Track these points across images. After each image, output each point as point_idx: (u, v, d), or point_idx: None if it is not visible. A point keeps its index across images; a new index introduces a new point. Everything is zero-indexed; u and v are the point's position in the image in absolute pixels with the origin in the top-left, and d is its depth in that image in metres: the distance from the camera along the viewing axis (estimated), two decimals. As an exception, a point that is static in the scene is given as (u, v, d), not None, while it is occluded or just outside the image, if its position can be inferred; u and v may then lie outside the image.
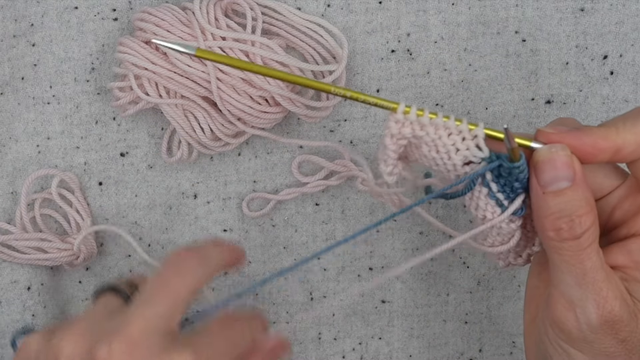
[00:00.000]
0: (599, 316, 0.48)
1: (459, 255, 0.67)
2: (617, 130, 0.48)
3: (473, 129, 0.49)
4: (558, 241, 0.48)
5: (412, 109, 0.49)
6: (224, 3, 0.62)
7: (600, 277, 0.48)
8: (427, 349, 0.68)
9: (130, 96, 0.63)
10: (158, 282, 0.49)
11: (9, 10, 0.65)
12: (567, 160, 0.48)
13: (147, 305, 0.48)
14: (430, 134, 0.49)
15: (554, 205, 0.48)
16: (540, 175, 0.48)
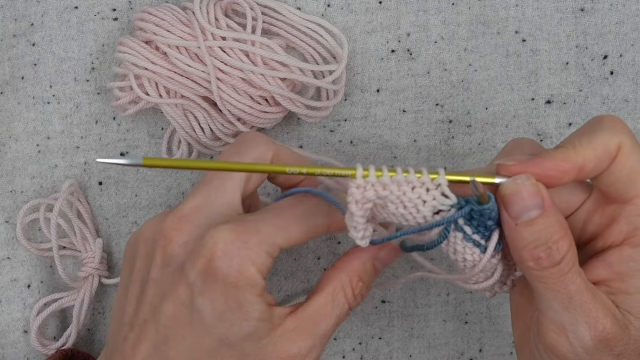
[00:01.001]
0: (592, 337, 0.48)
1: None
2: (575, 150, 0.48)
3: (435, 178, 0.48)
4: (539, 270, 0.48)
5: (371, 170, 0.48)
6: (224, 3, 0.62)
7: (586, 299, 0.48)
8: (427, 349, 0.68)
9: (130, 96, 0.63)
10: (219, 159, 0.51)
11: (9, 10, 0.65)
12: (533, 189, 0.48)
13: (203, 183, 0.51)
14: (394, 192, 0.48)
15: (529, 236, 0.48)
16: (510, 208, 0.48)
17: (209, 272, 0.48)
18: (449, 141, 0.66)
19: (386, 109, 0.66)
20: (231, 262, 0.48)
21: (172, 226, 0.50)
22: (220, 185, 0.51)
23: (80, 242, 0.65)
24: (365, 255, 0.53)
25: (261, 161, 0.52)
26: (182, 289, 0.49)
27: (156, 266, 0.50)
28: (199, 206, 0.50)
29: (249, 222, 0.49)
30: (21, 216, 0.65)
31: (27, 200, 0.66)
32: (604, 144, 0.48)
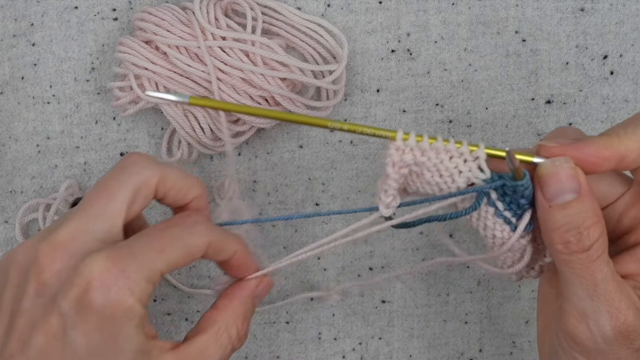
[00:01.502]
0: (613, 327, 0.47)
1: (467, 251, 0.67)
2: (619, 138, 0.48)
3: (474, 150, 0.48)
4: (567, 254, 0.47)
5: (411, 135, 0.48)
6: (224, 3, 0.62)
7: (611, 288, 0.47)
8: (427, 349, 0.68)
9: (130, 96, 0.63)
10: (96, 185, 0.48)
11: (9, 10, 0.65)
12: (571, 172, 0.48)
13: (79, 209, 0.48)
14: (432, 159, 0.48)
15: (561, 219, 0.47)
16: (546, 189, 0.48)
17: (83, 303, 0.45)
18: (449, 141, 0.66)
19: (386, 109, 0.66)
20: (108, 293, 0.45)
21: (46, 254, 0.46)
22: (100, 210, 0.48)
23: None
24: (246, 293, 0.53)
25: (146, 187, 0.49)
26: (55, 320, 0.46)
27: (28, 296, 0.47)
28: (74, 233, 0.47)
29: (124, 248, 0.47)
30: (20, 216, 0.65)
31: (27, 200, 0.66)
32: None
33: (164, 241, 0.48)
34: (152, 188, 0.49)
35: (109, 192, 0.48)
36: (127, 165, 0.49)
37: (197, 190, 0.52)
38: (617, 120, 0.66)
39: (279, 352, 0.68)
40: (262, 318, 0.68)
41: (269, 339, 0.68)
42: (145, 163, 0.49)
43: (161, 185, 0.50)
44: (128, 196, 0.48)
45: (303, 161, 0.66)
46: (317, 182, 0.67)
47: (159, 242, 0.48)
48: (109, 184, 0.48)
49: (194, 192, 0.52)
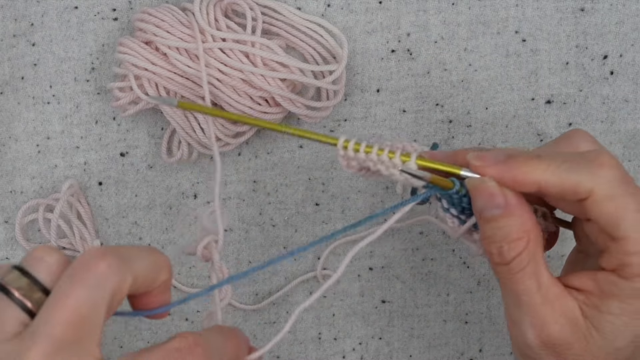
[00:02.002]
0: (535, 337, 0.48)
1: (459, 255, 0.67)
2: (545, 167, 0.48)
3: (406, 162, 0.50)
4: (492, 264, 0.49)
5: (350, 144, 0.51)
6: (224, 3, 0.62)
7: (536, 301, 0.48)
8: (427, 349, 0.68)
9: (130, 96, 0.63)
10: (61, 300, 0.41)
11: (9, 10, 0.65)
12: (495, 190, 0.48)
13: (45, 333, 0.41)
14: (372, 167, 0.50)
15: (487, 230, 0.49)
16: (474, 202, 0.49)
17: None
18: (449, 141, 0.66)
19: (386, 109, 0.66)
20: None
21: None
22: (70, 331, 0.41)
23: (80, 243, 0.65)
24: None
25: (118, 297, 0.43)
26: None
27: None
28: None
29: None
30: (20, 216, 0.65)
31: (27, 200, 0.66)
32: (571, 182, 0.48)
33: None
34: (125, 293, 0.44)
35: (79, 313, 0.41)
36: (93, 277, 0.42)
37: (165, 274, 0.46)
38: (617, 120, 0.66)
39: (279, 352, 0.68)
40: (262, 318, 0.68)
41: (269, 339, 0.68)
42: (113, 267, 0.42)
43: (135, 285, 0.44)
44: (103, 313, 0.42)
45: (303, 161, 0.66)
46: (317, 182, 0.67)
47: None
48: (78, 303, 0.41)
49: (162, 277, 0.46)
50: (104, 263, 0.42)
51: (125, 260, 0.43)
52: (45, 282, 0.42)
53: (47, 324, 0.41)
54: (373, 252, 0.67)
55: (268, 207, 0.67)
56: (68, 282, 0.42)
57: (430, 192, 0.50)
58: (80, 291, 0.41)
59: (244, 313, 0.68)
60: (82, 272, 0.42)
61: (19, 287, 0.42)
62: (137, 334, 0.68)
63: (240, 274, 0.49)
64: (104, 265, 0.42)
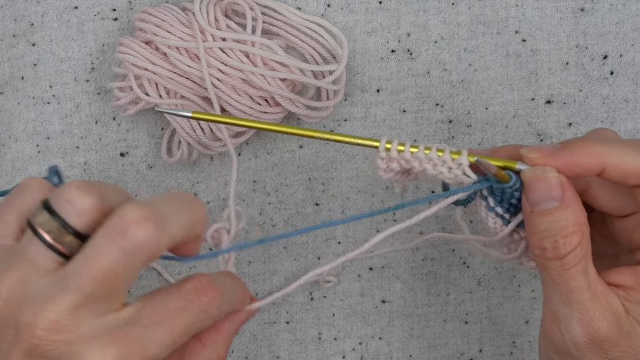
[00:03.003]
0: (584, 334, 0.48)
1: (459, 255, 0.67)
2: (607, 149, 0.48)
3: (456, 158, 0.49)
4: (543, 260, 0.48)
5: (393, 145, 0.49)
6: (224, 3, 0.62)
7: (586, 297, 0.48)
8: (427, 349, 0.68)
9: (130, 96, 0.63)
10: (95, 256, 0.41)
11: (9, 10, 0.65)
12: (554, 181, 0.48)
13: (77, 282, 0.41)
14: (416, 167, 0.49)
15: (541, 225, 0.48)
16: (529, 195, 0.49)
17: None
18: (449, 141, 0.66)
19: (386, 109, 0.66)
20: None
21: (45, 332, 0.41)
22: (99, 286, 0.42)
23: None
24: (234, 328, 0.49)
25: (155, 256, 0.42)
26: None
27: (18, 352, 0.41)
28: (75, 309, 0.41)
29: (135, 337, 0.42)
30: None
31: (27, 200, 0.66)
32: (636, 164, 0.48)
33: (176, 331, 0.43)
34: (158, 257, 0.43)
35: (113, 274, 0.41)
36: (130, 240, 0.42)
37: (200, 228, 0.46)
38: (617, 120, 0.66)
39: (279, 352, 0.68)
40: (262, 318, 0.68)
41: (269, 339, 0.68)
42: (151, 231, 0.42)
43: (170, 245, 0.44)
44: (136, 273, 0.42)
45: (303, 161, 0.66)
46: (317, 182, 0.67)
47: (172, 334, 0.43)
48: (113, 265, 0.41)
49: (197, 231, 0.46)
50: (142, 231, 0.41)
51: (164, 224, 0.42)
52: (75, 226, 0.42)
53: (78, 277, 0.41)
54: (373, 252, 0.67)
55: (268, 207, 0.67)
56: (104, 240, 0.41)
57: (483, 185, 0.49)
58: (115, 253, 0.41)
59: (244, 313, 0.68)
60: (118, 234, 0.41)
61: (49, 231, 0.42)
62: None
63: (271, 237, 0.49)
64: (141, 233, 0.41)
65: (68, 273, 0.41)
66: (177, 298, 0.44)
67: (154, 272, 0.67)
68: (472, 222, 0.65)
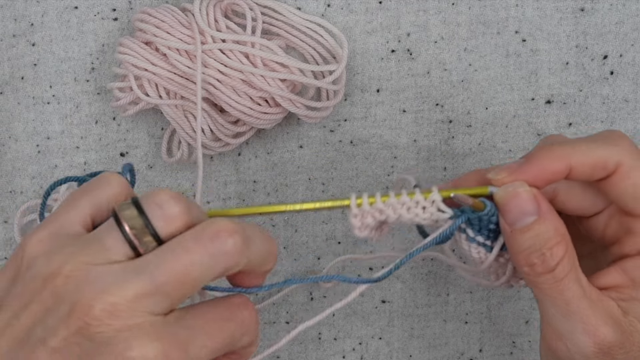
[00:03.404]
0: (592, 344, 0.48)
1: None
2: (569, 149, 0.48)
3: (429, 196, 0.49)
4: (534, 276, 0.48)
5: (364, 199, 0.49)
6: (224, 4, 0.62)
7: (584, 306, 0.48)
8: (427, 349, 0.68)
9: (130, 96, 0.63)
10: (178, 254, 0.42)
11: (9, 10, 0.65)
12: (527, 195, 0.48)
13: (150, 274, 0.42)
14: (392, 216, 0.49)
15: (524, 242, 0.48)
16: (505, 215, 0.48)
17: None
18: (449, 141, 0.66)
19: (386, 109, 0.66)
20: None
21: (101, 314, 0.41)
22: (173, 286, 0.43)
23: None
24: None
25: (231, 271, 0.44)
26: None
27: (62, 336, 0.42)
28: (137, 301, 0.42)
29: (180, 339, 0.43)
30: (19, 217, 0.65)
31: (27, 200, 0.66)
32: (600, 156, 0.48)
33: (215, 345, 0.44)
34: (234, 272, 0.45)
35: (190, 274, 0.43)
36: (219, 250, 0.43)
37: (271, 264, 0.48)
38: (617, 120, 0.66)
39: (279, 352, 0.68)
40: (262, 318, 0.68)
41: (269, 339, 0.68)
42: (238, 249, 0.43)
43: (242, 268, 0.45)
44: (206, 283, 0.44)
45: (303, 161, 0.66)
46: (317, 182, 0.67)
47: (212, 345, 0.44)
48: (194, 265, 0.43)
49: (268, 265, 0.47)
50: (232, 241, 0.43)
51: (248, 244, 0.44)
52: (159, 229, 0.43)
53: (156, 268, 0.42)
54: (373, 253, 0.67)
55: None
56: (192, 241, 0.43)
57: (461, 219, 0.49)
58: (200, 256, 0.42)
59: (244, 313, 0.68)
60: (208, 239, 0.43)
61: (132, 226, 0.43)
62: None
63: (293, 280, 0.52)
64: (231, 243, 0.43)
65: (146, 262, 0.42)
66: (221, 308, 0.45)
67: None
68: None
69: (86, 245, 0.43)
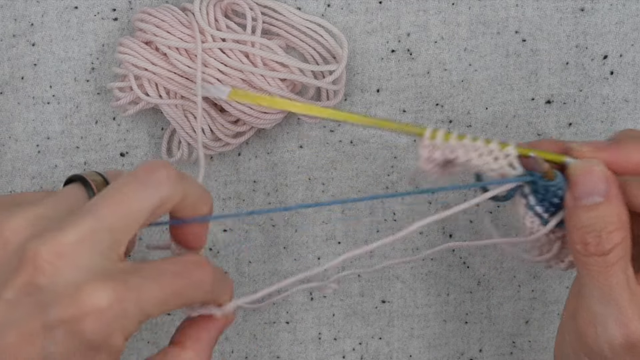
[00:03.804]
0: (620, 335, 0.47)
1: (459, 255, 0.67)
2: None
3: (505, 149, 0.48)
4: (585, 255, 0.48)
5: (439, 133, 0.48)
6: (224, 3, 0.62)
7: (625, 297, 0.47)
8: (427, 349, 0.68)
9: (130, 96, 0.63)
10: (114, 191, 0.44)
11: (9, 10, 0.65)
12: (601, 175, 0.48)
13: (92, 213, 0.43)
14: (461, 157, 0.48)
15: (585, 219, 0.48)
16: (574, 188, 0.48)
17: (74, 327, 0.42)
18: (449, 141, 0.66)
19: (386, 109, 0.66)
20: (103, 328, 0.42)
21: (48, 259, 0.42)
22: (115, 222, 0.44)
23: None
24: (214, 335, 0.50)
25: (165, 206, 0.45)
26: (37, 328, 0.42)
27: (14, 288, 0.42)
28: (82, 240, 0.43)
29: (132, 285, 0.43)
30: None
31: (27, 200, 0.66)
32: None
33: (170, 292, 0.44)
34: (170, 207, 0.46)
35: (128, 206, 0.44)
36: (152, 180, 0.45)
37: (206, 208, 0.49)
38: (617, 120, 0.66)
39: (279, 352, 0.68)
40: (262, 318, 0.68)
41: (269, 339, 0.68)
42: (172, 179, 0.45)
43: (180, 204, 0.47)
44: (146, 215, 0.45)
45: (303, 161, 0.66)
46: (317, 182, 0.67)
47: (165, 291, 0.44)
48: (130, 196, 0.44)
49: (204, 209, 0.48)
50: (165, 171, 0.45)
51: (182, 178, 0.46)
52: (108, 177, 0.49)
53: (95, 205, 0.44)
54: (373, 253, 0.67)
55: (268, 207, 0.67)
56: (128, 177, 0.45)
57: (526, 179, 0.48)
58: (136, 186, 0.44)
59: (244, 313, 0.68)
60: (143, 172, 0.45)
61: (94, 180, 0.49)
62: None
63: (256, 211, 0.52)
64: (164, 173, 0.45)
65: (88, 204, 0.44)
66: (174, 264, 0.46)
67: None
68: (471, 222, 0.65)
69: (46, 199, 0.46)
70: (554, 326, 0.68)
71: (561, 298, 0.68)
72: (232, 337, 0.68)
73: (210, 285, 0.47)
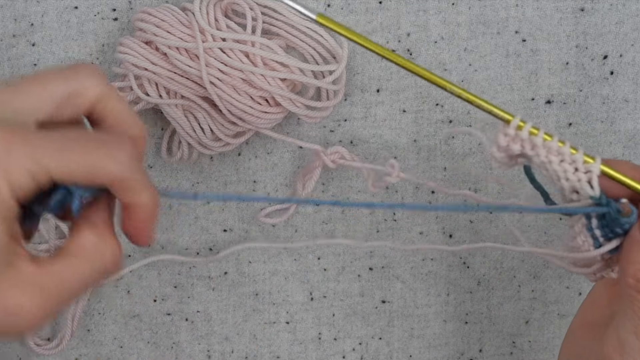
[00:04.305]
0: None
1: (459, 255, 0.67)
2: None
3: (589, 163, 0.45)
4: (635, 291, 0.47)
5: (527, 125, 0.46)
6: (224, 3, 0.62)
7: None
8: (427, 349, 0.68)
9: (130, 96, 0.63)
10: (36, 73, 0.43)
11: (9, 10, 0.65)
12: None
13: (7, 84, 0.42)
14: (541, 157, 0.46)
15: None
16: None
17: None
18: (449, 141, 0.66)
19: (386, 109, 0.66)
20: None
21: None
22: (26, 90, 0.42)
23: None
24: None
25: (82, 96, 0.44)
26: None
27: None
28: None
29: (21, 131, 0.40)
30: (21, 216, 0.65)
31: (27, 200, 0.66)
32: None
33: (71, 145, 0.41)
34: (89, 100, 0.44)
35: (44, 80, 0.42)
36: (74, 68, 0.44)
37: (137, 130, 0.45)
38: (617, 120, 0.66)
39: (279, 352, 0.68)
40: (262, 318, 0.68)
41: (269, 339, 0.68)
42: (93, 74, 0.44)
43: (100, 104, 0.44)
44: (61, 94, 0.42)
45: (303, 161, 0.66)
46: (317, 182, 0.67)
47: (65, 143, 0.41)
48: (48, 75, 0.43)
49: (133, 130, 0.45)
50: (89, 65, 0.44)
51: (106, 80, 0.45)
52: None
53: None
54: (373, 252, 0.67)
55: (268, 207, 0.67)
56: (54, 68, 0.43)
57: (599, 209, 0.45)
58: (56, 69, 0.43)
59: (244, 313, 0.68)
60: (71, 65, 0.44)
61: None
62: (137, 334, 0.68)
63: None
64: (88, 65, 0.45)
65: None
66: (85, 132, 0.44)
67: (154, 272, 0.67)
68: (471, 222, 0.65)
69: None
70: (554, 326, 0.68)
71: (561, 298, 0.68)
72: (232, 337, 0.68)
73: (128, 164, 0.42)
